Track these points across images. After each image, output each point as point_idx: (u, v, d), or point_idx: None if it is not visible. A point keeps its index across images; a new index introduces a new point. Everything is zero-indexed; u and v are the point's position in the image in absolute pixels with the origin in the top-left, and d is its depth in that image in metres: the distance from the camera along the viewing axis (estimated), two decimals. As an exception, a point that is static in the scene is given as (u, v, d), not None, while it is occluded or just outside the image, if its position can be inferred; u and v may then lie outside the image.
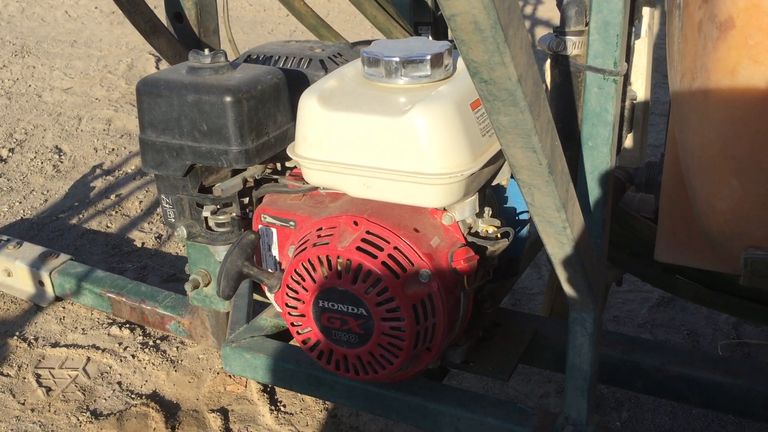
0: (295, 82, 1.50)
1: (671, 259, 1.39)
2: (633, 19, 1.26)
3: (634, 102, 1.57)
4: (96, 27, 5.70)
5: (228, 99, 1.34)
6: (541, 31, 5.38)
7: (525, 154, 0.80)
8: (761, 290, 1.65)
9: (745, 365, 1.59)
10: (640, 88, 1.66)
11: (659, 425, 2.07)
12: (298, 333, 1.41)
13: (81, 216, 3.15)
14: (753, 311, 1.67)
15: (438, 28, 2.27)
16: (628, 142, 1.76)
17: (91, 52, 5.12)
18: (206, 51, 1.42)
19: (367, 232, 1.31)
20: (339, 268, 1.30)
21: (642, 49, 1.62)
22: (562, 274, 1.14)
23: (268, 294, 1.50)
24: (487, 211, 1.43)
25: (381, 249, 1.30)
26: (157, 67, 4.79)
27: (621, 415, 2.11)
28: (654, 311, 2.54)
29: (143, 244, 2.95)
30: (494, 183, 1.47)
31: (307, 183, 1.43)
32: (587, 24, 1.12)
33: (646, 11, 1.54)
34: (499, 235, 1.40)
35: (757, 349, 2.35)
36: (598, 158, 1.16)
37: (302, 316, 1.38)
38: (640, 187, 1.57)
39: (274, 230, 1.47)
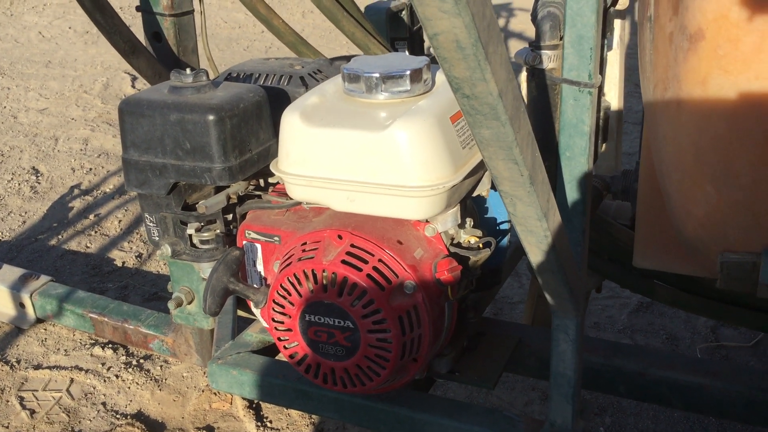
0: (276, 99, 1.52)
1: (649, 264, 1.42)
2: (605, 31, 1.29)
3: (608, 112, 1.60)
4: (70, 47, 5.69)
5: (211, 117, 1.35)
6: (514, 44, 5.44)
7: (507, 165, 0.83)
8: (736, 293, 1.69)
9: (725, 367, 1.63)
10: (614, 98, 1.70)
11: (642, 429, 2.10)
12: (285, 347, 1.42)
13: (60, 237, 3.13)
14: (729, 313, 1.71)
15: (414, 43, 2.30)
16: (603, 151, 1.80)
17: (66, 72, 5.10)
18: (188, 70, 1.44)
19: (352, 246, 1.33)
20: (324, 281, 1.32)
21: (614, 60, 1.66)
22: (544, 282, 1.16)
23: (253, 309, 1.51)
24: (469, 221, 1.45)
25: (366, 262, 1.31)
26: (133, 86, 4.78)
27: (604, 421, 2.13)
28: (633, 317, 2.58)
29: (124, 263, 2.94)
30: (474, 194, 1.49)
31: (291, 198, 1.44)
32: (561, 38, 1.15)
33: (617, 23, 1.58)
34: (481, 245, 1.42)
35: (735, 351, 2.39)
36: (575, 168, 1.19)
37: (289, 330, 1.39)
38: (616, 195, 1.60)
39: (258, 246, 1.48)
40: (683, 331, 2.49)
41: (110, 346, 2.42)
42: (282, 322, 1.39)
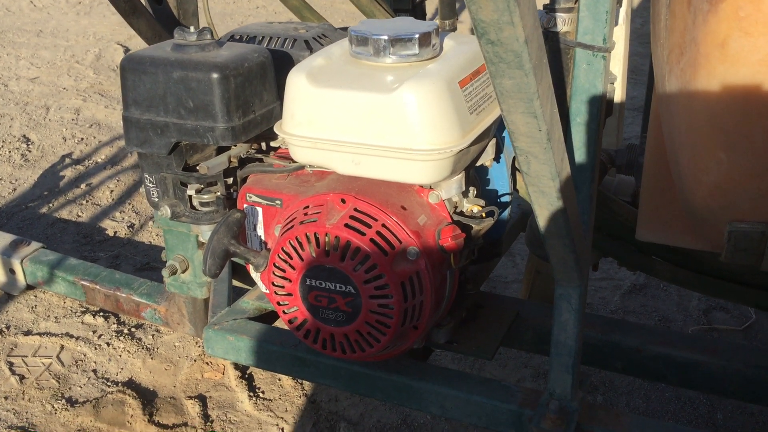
0: (280, 62, 1.49)
1: (652, 238, 1.41)
2: (620, -2, 1.28)
3: (614, 85, 1.59)
4: (62, 17, 5.61)
5: (215, 75, 1.33)
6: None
7: (525, 119, 0.81)
8: (735, 271, 1.69)
9: (722, 344, 1.62)
10: (618, 73, 1.69)
11: (633, 408, 2.10)
12: (284, 312, 1.40)
13: (51, 205, 3.10)
14: (727, 290, 1.71)
15: (417, 15, 2.28)
16: (605, 126, 1.79)
17: (58, 42, 5.04)
18: (191, 28, 1.41)
19: (355, 210, 1.31)
20: (327, 245, 1.30)
21: (620, 35, 1.65)
22: (551, 248, 1.15)
23: (253, 273, 1.49)
24: (472, 190, 1.44)
25: (369, 226, 1.30)
26: (126, 58, 4.73)
27: (596, 399, 2.14)
28: (626, 298, 2.58)
29: (115, 233, 2.92)
30: (478, 164, 1.48)
31: (294, 162, 1.42)
32: (577, 1, 1.13)
33: (624, -3, 1.56)
34: (484, 215, 1.41)
35: (727, 334, 2.41)
36: (586, 134, 1.18)
37: (289, 294, 1.37)
38: (620, 169, 1.59)
39: (259, 209, 1.46)
40: (675, 314, 2.50)
41: (101, 314, 2.40)
42: (282, 287, 1.38)
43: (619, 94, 1.70)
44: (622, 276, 2.67)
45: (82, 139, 3.68)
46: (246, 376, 2.16)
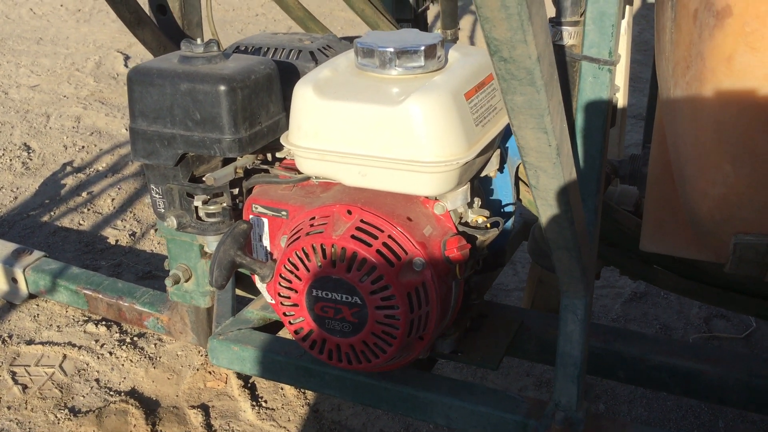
0: (286, 74, 1.50)
1: (656, 248, 1.42)
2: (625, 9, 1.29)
3: (616, 96, 1.60)
4: (62, 25, 5.62)
5: (222, 88, 1.34)
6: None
7: (536, 135, 0.82)
8: (737, 280, 1.70)
9: (724, 353, 1.63)
10: (620, 83, 1.70)
11: (635, 417, 2.11)
12: (290, 323, 1.41)
13: (52, 213, 3.10)
14: (730, 300, 1.71)
15: (419, 24, 2.29)
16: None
17: (58, 49, 5.05)
18: (198, 40, 1.42)
19: (361, 221, 1.32)
20: (333, 256, 1.31)
21: (622, 46, 1.66)
22: (558, 260, 1.16)
23: (258, 284, 1.50)
24: (477, 201, 1.45)
25: (375, 237, 1.31)
26: (126, 66, 4.74)
27: (598, 408, 2.15)
28: (627, 306, 2.59)
29: (117, 241, 2.92)
30: (482, 174, 1.49)
31: (300, 173, 1.43)
32: (582, 14, 1.14)
33: (626, 9, 1.58)
34: (488, 225, 1.42)
35: (728, 343, 2.41)
36: (591, 147, 1.18)
37: (295, 305, 1.38)
38: (624, 179, 1.60)
39: (265, 220, 1.47)
40: (676, 322, 2.50)
41: (104, 323, 2.40)
42: (288, 297, 1.38)
43: (621, 105, 1.71)
44: (623, 284, 2.67)
45: (83, 147, 3.68)
46: (249, 385, 2.16)
